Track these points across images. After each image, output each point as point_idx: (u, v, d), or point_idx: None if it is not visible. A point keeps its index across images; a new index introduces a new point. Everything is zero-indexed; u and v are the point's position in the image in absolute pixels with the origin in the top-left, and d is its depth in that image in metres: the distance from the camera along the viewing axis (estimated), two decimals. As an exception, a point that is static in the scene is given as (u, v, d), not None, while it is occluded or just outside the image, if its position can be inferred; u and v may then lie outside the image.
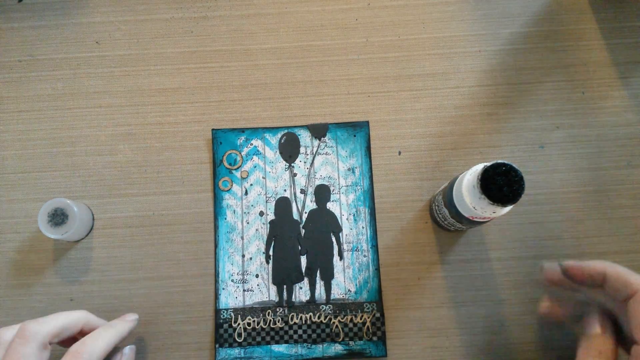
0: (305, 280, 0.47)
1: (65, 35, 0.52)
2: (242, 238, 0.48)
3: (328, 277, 0.47)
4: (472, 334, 0.46)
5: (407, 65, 0.52)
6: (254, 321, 0.46)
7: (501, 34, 0.52)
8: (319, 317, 0.46)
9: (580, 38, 0.52)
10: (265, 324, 0.46)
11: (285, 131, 0.50)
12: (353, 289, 0.47)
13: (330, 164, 0.50)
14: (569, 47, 0.52)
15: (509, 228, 0.49)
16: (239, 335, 0.46)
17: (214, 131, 0.50)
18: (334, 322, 0.46)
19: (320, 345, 0.46)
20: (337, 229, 0.48)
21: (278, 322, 0.46)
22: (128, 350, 0.43)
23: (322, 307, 0.47)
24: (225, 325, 0.46)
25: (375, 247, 0.48)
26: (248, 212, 0.49)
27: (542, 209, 0.49)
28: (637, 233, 0.49)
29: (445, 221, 0.44)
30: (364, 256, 0.48)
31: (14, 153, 0.50)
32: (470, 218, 0.39)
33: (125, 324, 0.42)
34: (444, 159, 0.50)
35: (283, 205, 0.49)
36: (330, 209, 0.49)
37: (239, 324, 0.46)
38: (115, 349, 0.42)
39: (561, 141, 0.50)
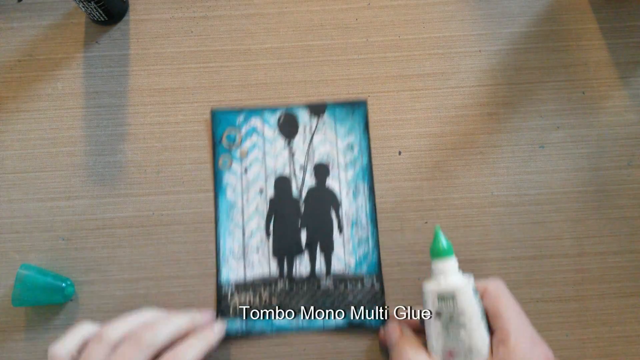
0: (306, 253, 0.48)
1: (65, 35, 0.52)
2: (243, 215, 0.49)
3: (328, 250, 0.48)
4: (472, 334, 0.46)
5: (407, 65, 0.52)
6: (255, 295, 0.47)
7: (501, 33, 0.52)
8: (319, 290, 0.47)
9: (580, 38, 0.52)
10: (267, 298, 0.47)
11: (284, 110, 0.50)
12: (353, 263, 0.48)
13: (329, 142, 0.50)
14: (570, 47, 0.52)
15: (509, 228, 0.49)
16: (241, 309, 0.46)
17: (213, 111, 0.50)
18: (334, 295, 0.47)
19: (322, 318, 0.46)
20: (336, 205, 0.49)
21: (279, 295, 0.47)
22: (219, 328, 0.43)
23: (323, 281, 0.47)
24: (227, 300, 0.47)
25: (374, 221, 0.48)
26: (248, 190, 0.49)
27: (542, 209, 0.49)
28: (637, 233, 0.49)
29: None
30: (363, 230, 0.48)
31: (14, 153, 0.50)
32: None
33: (215, 335, 0.42)
34: (444, 159, 0.50)
35: (282, 183, 0.49)
36: (330, 186, 0.49)
37: (240, 298, 0.47)
38: None
39: (561, 141, 0.50)
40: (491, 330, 0.38)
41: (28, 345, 0.47)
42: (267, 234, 0.48)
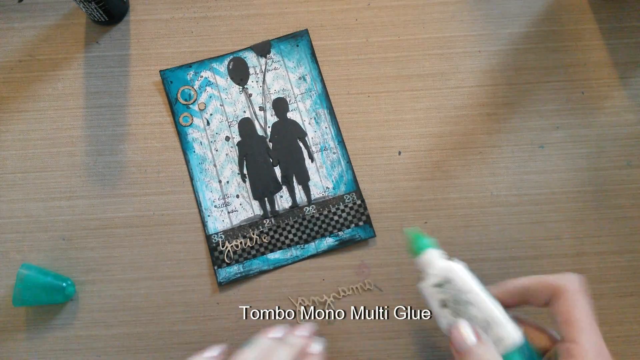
0: (284, 188, 0.49)
1: (66, 35, 0.52)
2: (215, 165, 0.50)
3: (304, 180, 0.49)
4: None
5: (407, 65, 0.52)
6: (245, 238, 0.48)
7: (501, 34, 0.52)
8: (304, 219, 0.48)
9: (580, 38, 0.52)
10: (257, 238, 0.48)
11: (231, 57, 0.51)
12: (330, 186, 0.49)
13: (282, 77, 0.51)
14: (569, 47, 0.52)
15: (509, 228, 0.49)
16: (234, 253, 0.48)
17: (162, 72, 0.51)
18: (320, 220, 0.48)
19: (312, 243, 0.48)
20: (302, 134, 0.50)
21: (268, 233, 0.48)
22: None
23: (306, 209, 0.49)
24: (219, 249, 0.48)
25: (342, 142, 0.50)
26: (214, 141, 0.50)
27: (542, 209, 0.49)
28: (637, 233, 0.49)
29: None
30: (334, 153, 0.50)
31: (15, 153, 0.50)
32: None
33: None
34: (444, 159, 0.50)
35: (246, 126, 0.50)
36: (292, 118, 0.50)
37: (231, 243, 0.48)
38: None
39: (561, 141, 0.50)
40: (560, 337, 0.35)
41: (29, 344, 0.47)
42: (243, 178, 0.49)
